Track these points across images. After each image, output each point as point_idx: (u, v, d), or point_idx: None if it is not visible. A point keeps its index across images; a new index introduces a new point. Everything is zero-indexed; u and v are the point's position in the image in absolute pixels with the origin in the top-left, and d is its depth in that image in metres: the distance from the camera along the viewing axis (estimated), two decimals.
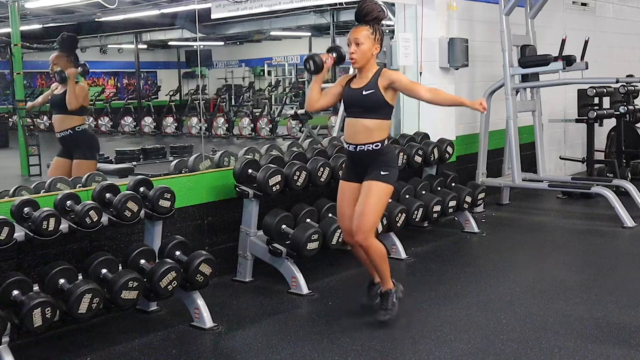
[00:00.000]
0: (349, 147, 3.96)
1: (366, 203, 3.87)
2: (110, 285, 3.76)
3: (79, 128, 5.53)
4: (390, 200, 4.87)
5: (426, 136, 6.53)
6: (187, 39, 18.64)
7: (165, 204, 4.18)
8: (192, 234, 4.86)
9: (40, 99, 6.23)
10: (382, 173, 3.89)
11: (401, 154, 5.84)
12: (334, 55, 4.07)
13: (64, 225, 3.81)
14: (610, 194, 6.55)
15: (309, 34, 18.51)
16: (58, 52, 5.43)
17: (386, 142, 3.93)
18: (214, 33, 17.05)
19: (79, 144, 5.57)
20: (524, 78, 7.09)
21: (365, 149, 3.88)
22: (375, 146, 3.88)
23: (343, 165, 4.23)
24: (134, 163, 10.31)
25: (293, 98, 19.85)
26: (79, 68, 5.58)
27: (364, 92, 3.87)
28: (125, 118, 18.11)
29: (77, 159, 5.54)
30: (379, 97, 3.85)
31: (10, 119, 16.81)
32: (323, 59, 4.02)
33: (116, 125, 18.02)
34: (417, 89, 4.01)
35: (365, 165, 3.94)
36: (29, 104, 6.57)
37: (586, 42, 6.83)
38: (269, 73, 23.94)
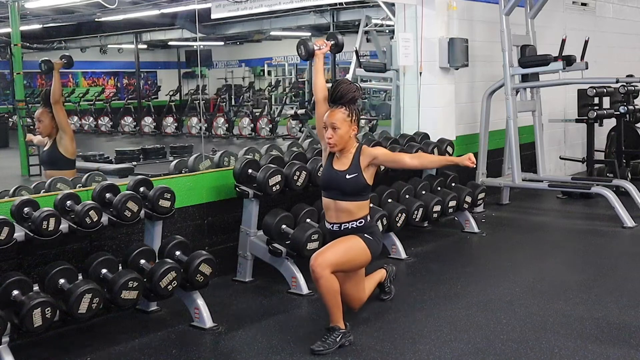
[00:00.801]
0: (332, 226, 3.88)
1: (338, 243, 3.80)
2: (110, 285, 3.76)
3: None
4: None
5: (426, 136, 6.54)
6: (187, 39, 18.65)
7: (165, 204, 4.18)
8: (192, 234, 4.87)
9: (36, 139, 6.16)
10: (365, 235, 3.85)
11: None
12: (332, 42, 4.00)
13: (64, 225, 3.81)
14: (610, 194, 6.55)
15: (309, 34, 18.50)
16: (42, 108, 5.40)
17: (369, 218, 3.89)
18: (214, 33, 17.05)
19: None
20: (524, 78, 7.09)
21: (350, 227, 3.84)
22: (360, 223, 3.84)
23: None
24: (134, 163, 10.31)
25: (293, 98, 19.86)
26: (63, 59, 5.57)
27: (347, 177, 3.80)
28: (125, 118, 18.12)
29: None
30: (360, 181, 3.80)
31: (10, 119, 16.83)
32: (317, 45, 3.96)
33: (116, 125, 18.04)
34: (400, 158, 4.00)
35: None
36: (29, 136, 6.60)
37: (586, 42, 6.83)
38: (269, 73, 23.96)
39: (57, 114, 5.22)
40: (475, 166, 3.96)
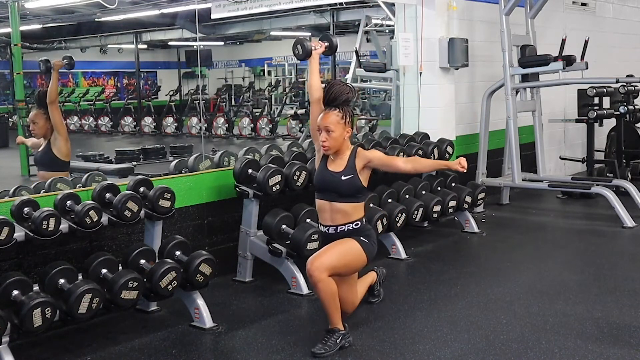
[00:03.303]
0: (327, 229, 3.81)
1: (335, 246, 3.75)
2: (110, 285, 3.76)
3: None
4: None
5: (426, 136, 6.54)
6: (187, 39, 18.63)
7: (165, 204, 4.18)
8: (192, 234, 4.87)
9: (29, 142, 6.10)
10: (361, 238, 3.79)
11: (401, 154, 5.84)
12: (326, 44, 3.94)
13: (64, 225, 3.81)
14: (610, 194, 6.55)
15: (309, 34, 18.51)
16: (36, 110, 5.29)
17: (364, 220, 3.84)
18: (214, 33, 17.05)
19: None
20: (524, 78, 7.09)
21: (346, 229, 3.77)
22: (356, 225, 3.79)
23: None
24: (134, 163, 10.32)
25: (293, 98, 19.86)
26: (65, 59, 5.44)
27: (342, 178, 3.75)
28: (125, 118, 18.13)
29: None
30: (356, 183, 3.75)
31: (10, 119, 16.84)
32: (312, 45, 3.91)
33: (116, 125, 18.04)
34: (395, 162, 3.92)
35: None
36: (20, 138, 6.79)
37: (586, 42, 6.83)
38: (269, 73, 23.96)
39: (52, 114, 5.16)
40: (465, 171, 3.82)
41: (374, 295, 4.41)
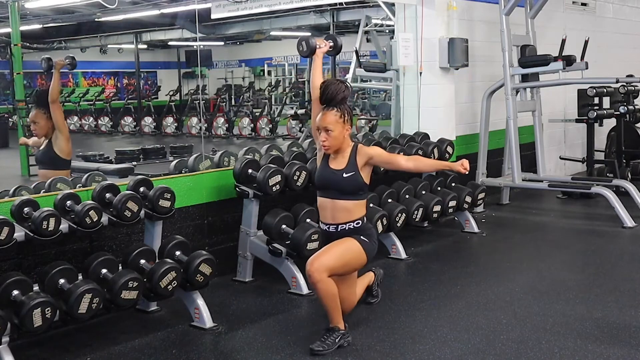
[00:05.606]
0: (328, 227, 3.82)
1: (335, 246, 3.75)
2: (110, 285, 3.76)
3: None
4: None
5: (426, 136, 6.54)
6: (187, 39, 18.64)
7: (165, 204, 4.18)
8: (192, 234, 4.87)
9: (30, 141, 6.07)
10: (362, 237, 3.79)
11: (401, 153, 5.84)
12: (331, 43, 3.97)
13: (64, 225, 3.81)
14: (610, 194, 6.55)
15: (309, 34, 18.53)
16: (36, 110, 5.23)
17: (365, 219, 3.85)
18: (214, 33, 17.05)
19: None
20: (524, 78, 7.09)
21: (347, 228, 3.78)
22: (357, 224, 3.79)
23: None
24: (134, 163, 10.33)
25: (293, 98, 19.86)
26: (67, 59, 5.41)
27: (344, 175, 3.75)
28: (125, 118, 18.14)
29: None
30: (358, 180, 3.76)
31: (10, 119, 16.84)
32: (317, 43, 3.92)
33: (116, 125, 18.05)
34: (397, 160, 3.95)
35: None
36: (22, 139, 6.77)
37: (586, 42, 6.83)
38: (269, 73, 23.96)
39: (54, 113, 5.14)
40: (467, 172, 3.83)
41: (372, 295, 4.40)
